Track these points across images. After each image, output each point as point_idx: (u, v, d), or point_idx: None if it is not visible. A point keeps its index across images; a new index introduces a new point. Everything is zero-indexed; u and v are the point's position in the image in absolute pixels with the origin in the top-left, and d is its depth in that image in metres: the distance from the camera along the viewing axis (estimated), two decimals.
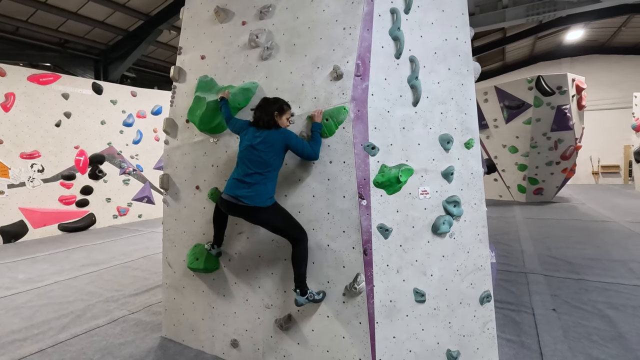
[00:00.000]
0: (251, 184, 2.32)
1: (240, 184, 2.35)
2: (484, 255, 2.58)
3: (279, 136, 2.36)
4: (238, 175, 2.39)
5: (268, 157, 2.33)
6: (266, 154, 2.33)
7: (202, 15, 3.17)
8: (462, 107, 2.62)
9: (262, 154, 2.33)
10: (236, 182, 2.37)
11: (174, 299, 3.07)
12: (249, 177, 2.33)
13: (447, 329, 2.44)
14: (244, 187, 2.33)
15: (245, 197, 2.30)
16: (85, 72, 10.25)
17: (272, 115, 2.39)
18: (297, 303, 2.30)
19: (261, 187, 2.32)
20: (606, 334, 2.94)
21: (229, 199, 2.36)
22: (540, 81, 9.82)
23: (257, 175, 2.33)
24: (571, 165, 10.44)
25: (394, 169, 2.34)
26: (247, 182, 2.33)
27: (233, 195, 2.34)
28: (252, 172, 2.34)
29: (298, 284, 2.31)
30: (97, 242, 6.99)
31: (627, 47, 15.69)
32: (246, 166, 2.37)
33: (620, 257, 4.95)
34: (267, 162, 2.33)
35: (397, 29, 2.46)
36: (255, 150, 2.35)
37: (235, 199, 2.33)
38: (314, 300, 2.33)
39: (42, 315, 3.64)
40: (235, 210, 2.39)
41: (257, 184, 2.32)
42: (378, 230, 2.30)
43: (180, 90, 3.20)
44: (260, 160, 2.33)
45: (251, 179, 2.32)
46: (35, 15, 8.42)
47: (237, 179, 2.38)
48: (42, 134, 7.68)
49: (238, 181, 2.37)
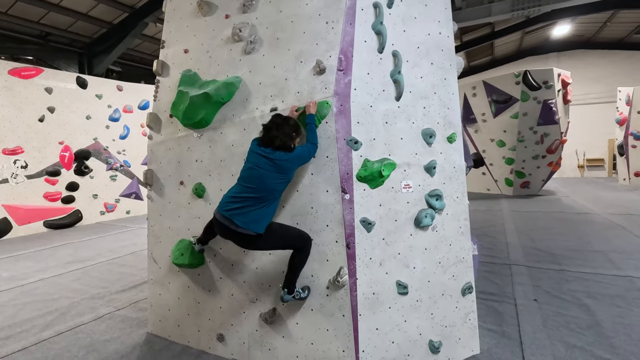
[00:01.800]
0: (248, 208, 2.13)
1: (235, 204, 2.15)
2: (466, 248, 2.63)
3: (291, 165, 2.21)
4: (235, 193, 2.20)
5: (275, 182, 2.17)
6: (273, 179, 2.16)
7: (185, 8, 3.13)
8: (444, 101, 2.65)
9: (268, 179, 2.15)
10: (232, 201, 2.17)
11: (160, 295, 3.07)
12: (248, 201, 2.14)
13: (429, 320, 2.48)
14: (239, 210, 2.13)
15: (239, 222, 2.11)
16: (69, 66, 10.02)
17: (290, 136, 2.22)
18: (282, 300, 2.31)
19: (259, 213, 2.14)
20: (583, 322, 3.02)
21: (222, 220, 2.16)
22: (527, 76, 9.93)
23: (257, 200, 2.14)
24: (557, 159, 10.62)
25: (376, 163, 2.36)
26: (244, 206, 2.13)
27: (227, 216, 2.14)
28: (253, 196, 2.15)
29: (287, 285, 2.30)
30: (83, 239, 6.90)
31: (612, 42, 15.95)
32: (246, 187, 2.18)
33: (600, 248, 5.08)
34: (273, 188, 2.17)
35: (380, 23, 2.46)
36: (261, 173, 2.17)
37: (228, 220, 2.14)
38: (299, 299, 2.34)
39: (25, 313, 3.60)
40: (228, 235, 2.22)
41: (255, 209, 2.14)
42: (361, 224, 2.32)
43: (163, 84, 3.16)
44: (263, 186, 2.15)
45: (249, 203, 2.14)
46: (14, 6, 8.18)
47: (234, 197, 2.18)
48: (24, 129, 7.52)
49: (234, 201, 2.17)
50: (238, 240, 2.24)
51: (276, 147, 2.20)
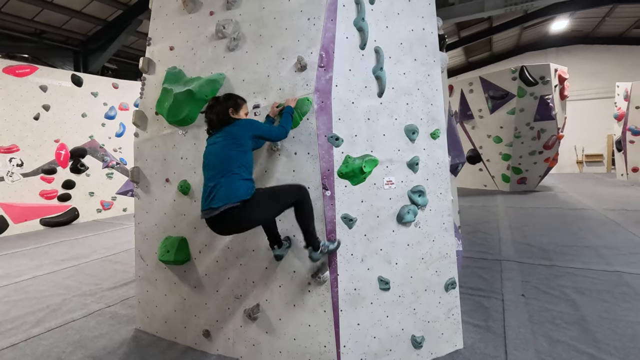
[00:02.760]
0: (218, 187, 2.04)
1: (209, 195, 2.06)
2: (450, 244, 2.64)
3: (241, 129, 2.14)
4: (205, 187, 2.12)
5: (230, 150, 2.09)
6: (226, 148, 2.10)
7: (171, 5, 3.12)
8: (428, 97, 2.65)
9: (223, 151, 2.10)
10: (205, 196, 2.09)
11: (147, 292, 3.09)
12: (214, 181, 2.07)
13: (411, 315, 2.50)
14: (213, 195, 2.04)
15: (217, 203, 2.01)
16: (64, 64, 10.02)
17: (226, 112, 2.21)
18: (312, 259, 2.24)
19: (229, 184, 2.03)
20: (569, 318, 3.04)
21: (206, 215, 2.07)
22: (524, 71, 9.90)
23: (221, 176, 2.06)
24: (554, 155, 10.60)
25: (357, 159, 2.36)
26: (213, 187, 2.06)
27: (206, 208, 2.05)
28: (216, 172, 2.08)
29: (309, 241, 2.20)
30: (79, 237, 6.93)
31: (610, 38, 15.86)
32: (209, 171, 2.13)
33: (592, 243, 5.09)
34: (229, 155, 2.09)
35: (362, 20, 2.46)
36: (215, 150, 2.14)
37: (209, 211, 2.04)
38: (329, 251, 2.23)
39: (17, 310, 3.63)
40: (219, 225, 2.08)
41: (224, 185, 2.04)
42: (342, 220, 2.33)
43: (149, 81, 3.16)
44: (223, 159, 2.09)
45: (216, 182, 2.06)
46: (8, 4, 8.17)
47: (205, 191, 2.11)
48: (20, 127, 7.53)
49: (206, 194, 2.09)
50: (231, 224, 2.09)
51: (216, 126, 2.20)
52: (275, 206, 2.18)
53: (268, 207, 2.14)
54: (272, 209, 2.17)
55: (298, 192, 2.20)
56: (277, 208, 2.19)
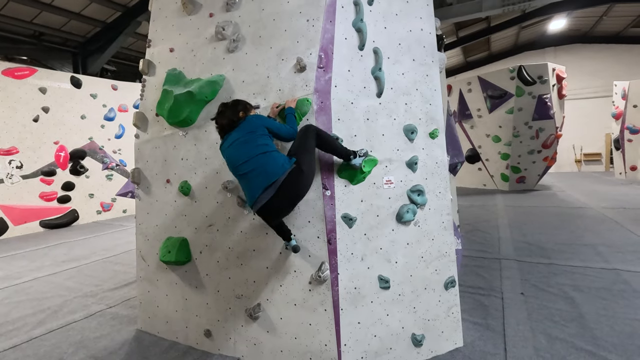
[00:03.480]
0: (260, 169, 2.09)
1: (252, 180, 2.10)
2: (449, 242, 2.66)
3: (255, 121, 2.22)
4: (246, 183, 2.16)
5: (254, 139, 2.15)
6: (251, 140, 2.15)
7: (170, 7, 3.14)
8: (427, 97, 2.67)
9: (245, 143, 2.15)
10: (249, 188, 2.13)
11: (149, 292, 3.10)
12: (251, 166, 2.11)
13: (411, 313, 2.51)
14: (260, 176, 2.08)
15: (270, 176, 2.05)
16: (63, 66, 10.02)
17: (237, 115, 2.27)
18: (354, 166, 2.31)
19: (271, 159, 2.11)
20: (567, 315, 3.06)
21: (261, 202, 2.07)
22: (522, 71, 9.93)
23: (257, 161, 2.11)
24: (552, 154, 10.63)
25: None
26: (252, 170, 2.10)
27: (259, 196, 2.07)
28: (248, 161, 2.12)
29: (345, 156, 2.28)
30: (79, 238, 6.94)
31: (608, 36, 15.91)
32: (240, 166, 2.15)
33: (591, 241, 5.12)
34: (257, 143, 2.14)
35: (360, 21, 2.48)
36: (237, 147, 2.18)
37: (267, 191, 2.05)
38: (364, 154, 2.30)
39: (18, 311, 3.64)
40: (278, 199, 2.06)
41: (265, 162, 2.10)
42: (342, 220, 2.35)
43: (150, 83, 3.18)
44: (249, 148, 2.14)
45: (254, 166, 2.10)
46: (7, 6, 8.17)
47: (247, 187, 2.15)
48: (19, 129, 7.55)
49: (248, 187, 2.13)
50: (292, 191, 2.09)
51: (229, 128, 2.26)
52: (311, 153, 2.20)
53: (308, 156, 2.17)
54: (311, 156, 2.20)
55: (311, 132, 2.21)
56: (313, 153, 2.22)
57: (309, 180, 2.19)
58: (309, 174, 2.17)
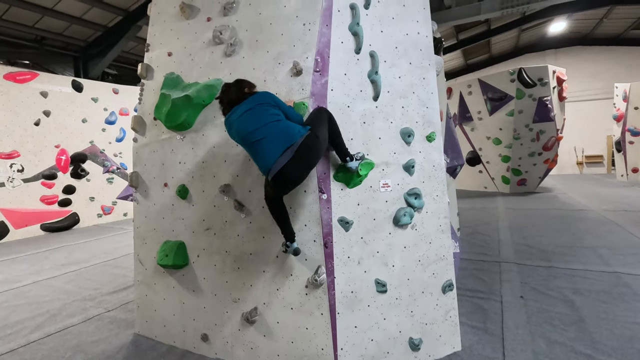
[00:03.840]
0: (278, 133, 2.09)
1: (268, 146, 2.09)
2: (446, 246, 2.65)
3: (264, 95, 2.24)
4: (258, 148, 2.13)
5: (267, 111, 2.15)
6: (262, 110, 2.15)
7: (169, 11, 3.15)
8: (423, 100, 2.67)
9: (257, 113, 2.15)
10: (265, 150, 2.10)
11: (146, 296, 3.10)
12: (263, 133, 2.11)
13: (409, 317, 2.50)
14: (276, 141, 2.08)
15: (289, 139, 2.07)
16: (64, 70, 10.09)
17: (242, 90, 2.30)
18: (351, 169, 2.33)
19: (286, 126, 2.14)
20: (567, 319, 3.04)
21: (273, 171, 2.05)
22: (522, 73, 9.93)
23: (271, 128, 2.11)
24: (553, 156, 10.60)
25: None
26: (265, 138, 2.10)
27: (278, 155, 2.05)
28: (261, 128, 2.11)
29: (344, 156, 2.32)
30: (79, 242, 6.95)
31: (609, 38, 15.91)
32: (252, 134, 2.13)
33: (591, 244, 5.09)
34: (270, 113, 2.15)
35: (357, 24, 2.49)
36: (248, 117, 2.16)
37: (285, 153, 2.04)
38: (360, 158, 2.34)
39: (16, 315, 3.64)
40: (287, 171, 2.05)
41: (280, 128, 2.11)
42: (339, 223, 2.35)
43: (148, 87, 3.19)
44: (261, 117, 2.13)
45: (268, 132, 2.10)
46: (9, 11, 8.24)
47: (261, 149, 2.11)
48: (20, 133, 7.58)
49: (266, 146, 2.10)
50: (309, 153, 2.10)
51: (236, 101, 2.27)
52: (323, 127, 2.21)
53: (321, 128, 2.18)
54: (323, 130, 2.20)
55: (324, 113, 2.26)
56: (325, 128, 2.22)
57: (323, 148, 2.18)
58: (323, 142, 2.18)
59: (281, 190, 2.21)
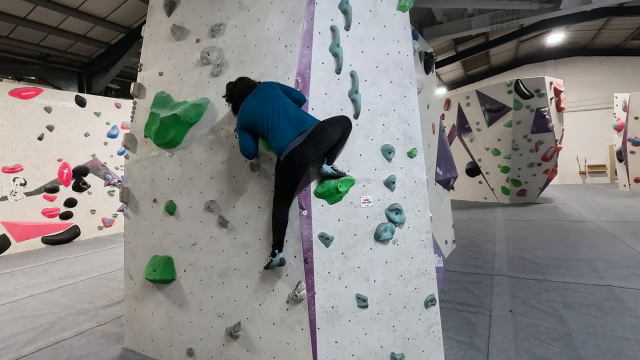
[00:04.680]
0: (296, 117, 2.34)
1: (281, 131, 2.30)
2: (429, 260, 2.67)
3: (271, 84, 2.43)
4: (274, 130, 2.33)
5: (281, 99, 2.37)
6: (276, 95, 2.37)
7: (161, 33, 3.28)
8: (404, 117, 2.72)
9: (272, 99, 2.36)
10: (278, 135, 2.31)
11: (135, 310, 3.14)
12: (277, 117, 2.33)
13: (390, 332, 2.52)
14: (292, 122, 2.31)
15: (303, 124, 2.31)
16: (69, 85, 10.34)
17: (249, 82, 2.50)
18: (320, 171, 2.43)
19: (297, 114, 2.37)
20: (555, 333, 3.03)
21: (287, 150, 2.27)
22: (519, 85, 10.01)
23: (283, 113, 2.33)
24: (552, 166, 10.58)
25: (333, 179, 2.43)
26: (280, 122, 2.32)
27: (286, 144, 2.27)
28: (277, 112, 2.33)
29: (332, 159, 2.47)
30: (79, 255, 7.03)
31: (608, 49, 15.98)
32: (269, 114, 2.34)
33: (587, 256, 5.06)
34: (284, 99, 2.38)
35: (337, 46, 2.57)
36: (262, 99, 2.38)
37: (299, 136, 2.27)
38: (335, 170, 2.44)
39: (11, 329, 3.69)
40: (298, 152, 2.27)
41: (297, 113, 2.36)
42: (319, 239, 2.39)
43: (140, 105, 3.29)
44: (276, 104, 2.35)
45: (281, 117, 2.33)
46: (15, 30, 8.52)
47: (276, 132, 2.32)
48: (24, 147, 7.75)
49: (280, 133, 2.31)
50: (321, 137, 2.32)
51: (246, 93, 2.47)
52: (337, 127, 2.42)
53: (334, 125, 2.41)
54: (335, 129, 2.41)
55: (346, 122, 2.48)
56: (339, 129, 2.42)
57: (329, 139, 2.37)
58: (332, 134, 2.38)
59: (291, 172, 2.35)
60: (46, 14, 8.10)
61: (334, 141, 2.40)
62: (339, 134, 2.40)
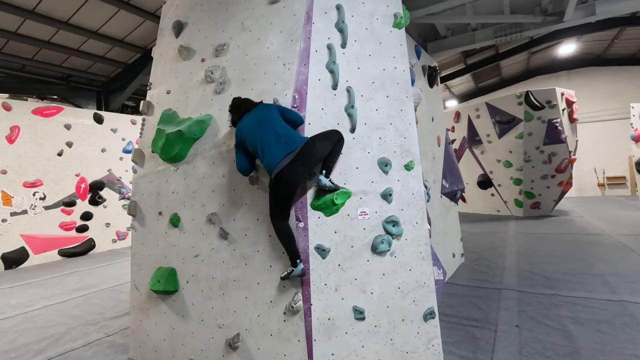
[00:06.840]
0: (285, 137, 2.41)
1: (271, 151, 2.39)
2: (427, 273, 2.66)
3: (268, 105, 2.58)
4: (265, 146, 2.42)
5: (275, 121, 2.47)
6: (270, 119, 2.48)
7: (169, 53, 3.45)
8: (401, 131, 2.77)
9: (267, 120, 2.47)
10: (269, 154, 2.39)
11: (140, 321, 3.21)
12: (269, 137, 2.42)
13: (388, 345, 2.50)
14: (282, 143, 2.40)
15: (292, 144, 2.39)
16: (88, 103, 10.80)
17: (252, 102, 2.65)
18: (319, 184, 2.48)
19: (292, 132, 2.48)
20: (562, 350, 2.94)
21: (277, 169, 2.35)
22: (529, 96, 9.93)
23: (273, 134, 2.43)
24: (567, 178, 10.34)
25: (329, 192, 2.48)
26: (270, 141, 2.41)
27: (283, 156, 2.36)
28: (268, 130, 2.44)
29: (328, 169, 2.52)
30: (93, 267, 7.21)
31: (622, 59, 15.72)
32: (261, 135, 2.44)
33: (600, 271, 4.91)
34: (278, 123, 2.47)
35: (333, 63, 2.66)
36: (259, 122, 2.48)
37: (288, 156, 2.36)
38: (335, 187, 2.49)
39: (23, 339, 3.81)
40: (288, 170, 2.35)
41: (287, 133, 2.45)
42: (315, 251, 2.43)
43: (148, 122, 3.44)
44: (269, 124, 2.46)
45: (272, 137, 2.42)
46: (39, 53, 9.03)
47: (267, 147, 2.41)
48: (44, 163, 8.09)
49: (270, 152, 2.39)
50: (310, 156, 2.39)
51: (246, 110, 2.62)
52: (325, 143, 2.47)
53: (323, 141, 2.47)
54: (324, 144, 2.47)
55: (337, 135, 2.54)
56: (327, 145, 2.48)
57: (318, 155, 2.44)
58: (319, 150, 2.44)
59: (282, 190, 2.41)
60: (68, 37, 8.57)
61: (324, 156, 2.46)
62: (328, 148, 2.46)
